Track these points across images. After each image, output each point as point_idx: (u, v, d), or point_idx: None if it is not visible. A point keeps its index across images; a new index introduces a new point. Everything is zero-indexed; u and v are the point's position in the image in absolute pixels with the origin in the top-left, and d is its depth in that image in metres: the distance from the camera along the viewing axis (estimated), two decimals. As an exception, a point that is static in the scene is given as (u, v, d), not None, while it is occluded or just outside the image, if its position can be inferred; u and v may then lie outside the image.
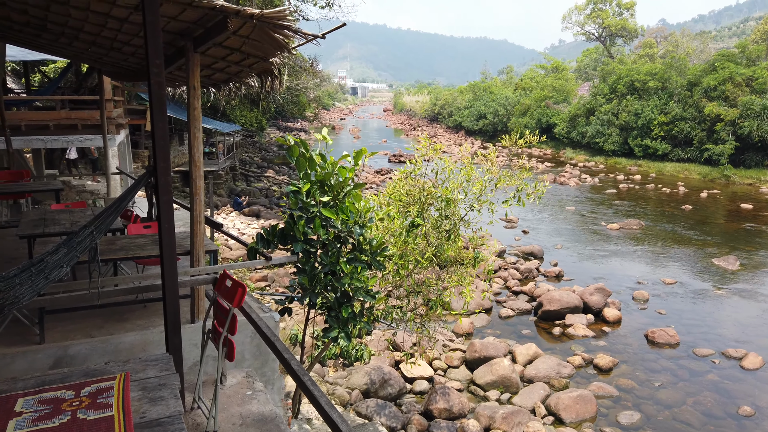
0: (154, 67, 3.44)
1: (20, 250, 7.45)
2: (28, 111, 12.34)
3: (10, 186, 8.61)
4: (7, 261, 6.94)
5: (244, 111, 34.95)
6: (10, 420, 2.58)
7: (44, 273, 3.32)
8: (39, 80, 18.35)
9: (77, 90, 14.76)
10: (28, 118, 11.22)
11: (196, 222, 5.35)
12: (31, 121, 11.14)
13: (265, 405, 3.80)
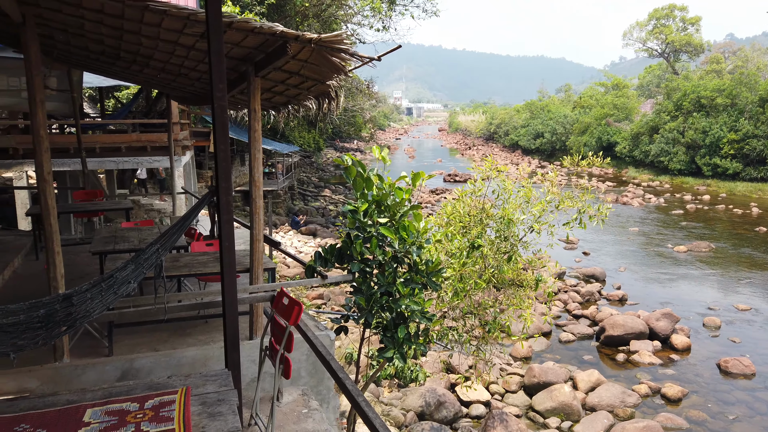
0: (217, 91, 3.57)
1: (92, 266, 7.85)
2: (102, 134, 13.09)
3: (85, 205, 9.12)
4: (81, 276, 7.31)
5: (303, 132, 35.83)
6: (79, 429, 2.68)
7: (113, 288, 3.47)
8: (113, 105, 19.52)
9: (147, 114, 15.56)
10: (102, 140, 11.90)
11: (256, 240, 5.48)
12: (105, 143, 11.82)
13: (320, 424, 3.80)
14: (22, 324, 3.26)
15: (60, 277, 4.85)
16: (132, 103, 14.82)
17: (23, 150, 11.19)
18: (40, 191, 4.82)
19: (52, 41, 5.89)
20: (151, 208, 16.26)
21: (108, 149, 11.81)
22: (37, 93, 4.56)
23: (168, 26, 4.49)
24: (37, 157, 4.71)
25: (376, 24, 23.41)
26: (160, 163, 12.40)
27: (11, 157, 11.24)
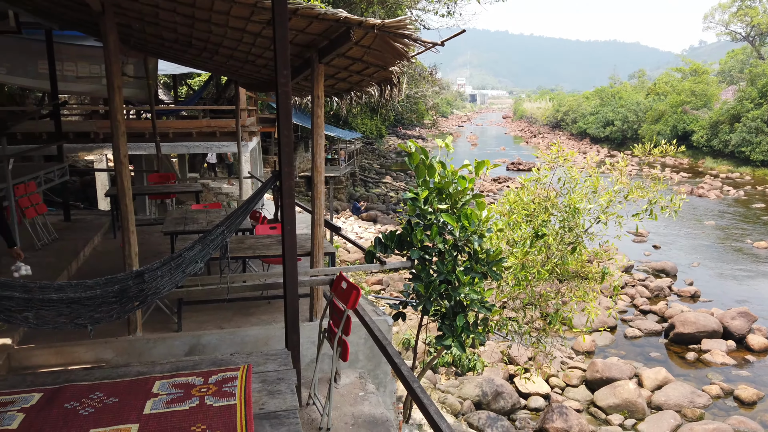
0: (281, 77, 3.63)
1: (164, 245, 8.24)
2: (175, 120, 13.65)
3: (158, 187, 9.56)
4: (154, 255, 7.68)
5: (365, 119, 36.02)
6: (147, 400, 2.83)
7: (181, 267, 3.62)
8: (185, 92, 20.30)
9: (217, 100, 16.08)
10: (175, 126, 12.41)
11: (317, 225, 5.57)
12: (178, 129, 12.32)
13: (376, 407, 3.84)
14: (98, 298, 3.46)
15: (134, 255, 5.12)
16: (203, 89, 15.35)
17: (103, 134, 11.84)
18: (117, 173, 5.08)
19: (129, 30, 6.17)
20: (219, 192, 16.86)
21: (180, 134, 12.31)
22: (115, 79, 4.79)
23: (236, 14, 4.60)
24: (114, 141, 4.97)
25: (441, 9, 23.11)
26: (228, 149, 12.81)
27: (92, 141, 11.92)
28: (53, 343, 5.02)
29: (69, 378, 3.12)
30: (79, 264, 7.44)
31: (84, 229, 8.95)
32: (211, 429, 2.53)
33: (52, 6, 6.21)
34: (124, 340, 5.14)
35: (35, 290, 3.35)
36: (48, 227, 8.07)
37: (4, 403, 2.79)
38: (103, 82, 10.89)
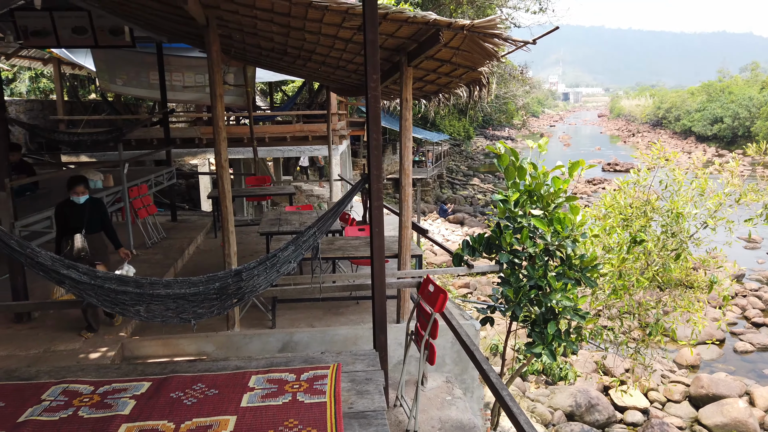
0: (371, 81, 3.68)
1: (260, 245, 8.63)
2: (271, 125, 14.27)
3: (255, 190, 10.02)
4: (251, 254, 8.07)
5: (453, 120, 35.78)
6: (244, 393, 2.97)
7: (276, 267, 3.77)
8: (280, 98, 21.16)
9: (309, 106, 16.63)
10: (270, 131, 12.99)
11: (404, 227, 5.60)
12: (273, 133, 12.88)
13: (464, 413, 3.79)
14: (201, 294, 3.67)
15: (233, 254, 5.40)
16: (296, 95, 15.93)
17: (206, 140, 12.60)
18: (218, 176, 5.38)
19: (230, 40, 6.52)
20: (311, 194, 17.42)
21: (275, 139, 12.85)
22: (218, 88, 5.09)
23: (329, 21, 4.73)
24: (216, 146, 5.26)
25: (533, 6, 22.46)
26: (319, 152, 13.20)
27: (196, 146, 12.73)
28: (160, 335, 5.40)
29: (174, 369, 3.34)
30: (184, 261, 7.96)
31: (188, 229, 9.56)
32: (303, 425, 2.62)
33: (163, 21, 6.70)
34: (223, 335, 5.43)
35: (146, 286, 3.62)
36: (157, 227, 8.71)
37: (119, 390, 3.04)
38: (206, 91, 11.62)
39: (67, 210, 5.26)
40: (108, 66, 11.40)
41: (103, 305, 3.61)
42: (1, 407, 2.86)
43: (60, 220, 5.27)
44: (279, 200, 14.09)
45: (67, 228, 5.22)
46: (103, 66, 11.42)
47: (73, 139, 9.41)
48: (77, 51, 11.90)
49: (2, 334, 5.18)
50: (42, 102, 14.61)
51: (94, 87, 18.08)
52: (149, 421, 2.70)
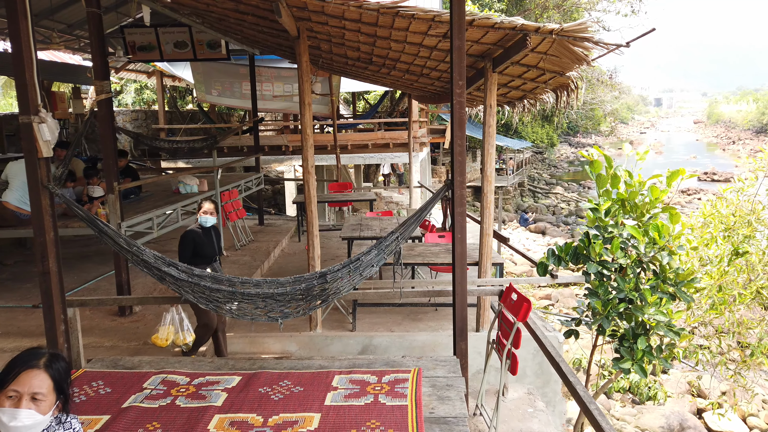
0: (457, 87, 3.69)
1: (341, 249, 8.83)
2: (353, 133, 14.57)
3: (337, 196, 10.27)
4: (332, 258, 8.27)
5: (536, 127, 34.92)
6: (328, 392, 3.05)
7: (359, 270, 3.84)
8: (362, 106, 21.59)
9: (390, 114, 16.84)
10: (353, 139, 13.27)
11: (485, 234, 5.55)
12: (355, 141, 13.16)
13: (546, 426, 3.69)
14: (288, 295, 3.82)
15: (317, 257, 5.57)
16: (378, 104, 16.19)
17: (292, 147, 13.07)
18: (305, 182, 5.58)
19: (318, 51, 6.75)
20: (390, 200, 17.59)
21: (357, 146, 13.12)
22: (306, 96, 5.28)
23: (415, 29, 4.79)
24: (303, 153, 5.46)
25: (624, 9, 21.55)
26: (400, 159, 13.32)
27: (283, 153, 13.23)
28: (248, 333, 5.65)
29: (262, 366, 3.49)
30: (269, 263, 8.29)
31: (274, 233, 9.95)
32: (385, 427, 2.65)
33: (257, 34, 7.04)
34: (306, 335, 5.60)
35: (238, 285, 3.82)
36: (246, 230, 9.12)
37: (212, 383, 3.22)
38: (294, 100, 12.07)
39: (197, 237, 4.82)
40: (204, 78, 12.13)
41: (198, 302, 3.84)
42: (108, 393, 3.11)
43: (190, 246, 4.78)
44: (359, 206, 14.34)
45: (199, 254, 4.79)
46: (200, 78, 12.16)
47: (173, 146, 10.06)
48: (177, 64, 12.74)
49: (107, 326, 5.62)
50: (145, 112, 15.76)
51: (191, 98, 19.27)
52: (240, 414, 2.84)
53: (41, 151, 3.57)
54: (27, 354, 1.78)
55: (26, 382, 1.69)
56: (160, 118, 13.96)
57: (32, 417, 1.68)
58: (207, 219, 4.86)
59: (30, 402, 1.68)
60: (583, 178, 36.40)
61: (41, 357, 1.77)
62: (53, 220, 3.68)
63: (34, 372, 1.71)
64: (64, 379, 1.81)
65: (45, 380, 1.72)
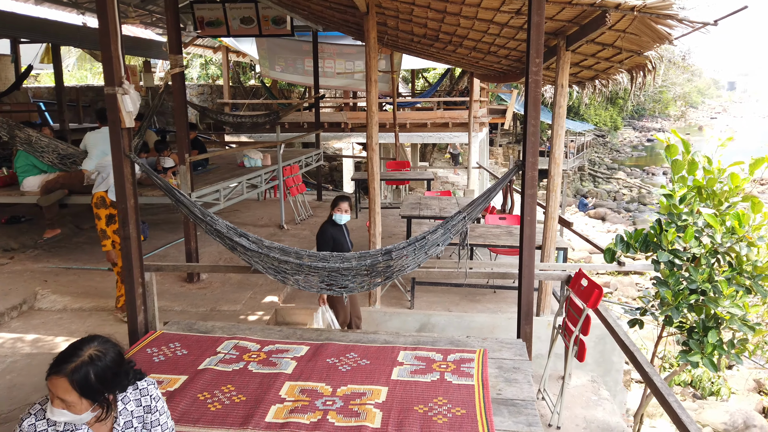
0: (533, 65, 3.59)
1: (398, 227, 8.86)
2: (412, 111, 14.48)
3: (395, 174, 10.27)
4: (389, 235, 8.31)
5: (599, 109, 33.68)
6: (394, 367, 3.09)
7: (425, 249, 3.85)
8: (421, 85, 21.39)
9: (449, 93, 16.62)
10: (412, 117, 13.19)
11: (549, 218, 5.43)
12: (414, 120, 13.07)
13: (611, 415, 3.63)
14: (353, 270, 3.87)
15: (378, 234, 5.61)
16: (439, 82, 15.99)
17: (352, 125, 13.12)
18: (368, 159, 5.59)
19: (384, 27, 6.71)
20: (446, 180, 17.47)
21: (416, 125, 13.03)
22: (373, 73, 5.27)
23: (486, 5, 4.68)
24: (368, 130, 5.47)
25: (702, -16, 20.28)
26: (458, 139, 13.16)
27: (342, 131, 13.31)
28: (308, 305, 5.77)
29: (329, 337, 3.57)
30: (327, 239, 8.40)
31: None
32: (452, 404, 2.67)
33: (324, 10, 7.06)
34: (364, 311, 5.67)
35: (305, 257, 3.89)
36: (306, 205, 9.28)
37: (281, 351, 3.32)
38: (354, 77, 12.08)
39: (336, 233, 4.78)
40: (269, 53, 12.29)
41: (267, 272, 3.94)
42: (184, 354, 3.26)
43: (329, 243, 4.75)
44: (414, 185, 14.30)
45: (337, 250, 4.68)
46: (264, 54, 12.34)
47: (237, 120, 10.30)
48: (242, 40, 12.96)
49: (176, 291, 5.87)
50: (210, 86, 16.16)
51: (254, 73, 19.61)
52: (309, 382, 2.92)
53: (124, 121, 3.72)
54: (69, 351, 1.72)
55: (54, 385, 1.66)
56: (225, 92, 14.29)
57: (65, 416, 1.67)
58: (342, 217, 4.81)
59: (61, 403, 1.66)
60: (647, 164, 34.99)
61: (72, 360, 1.68)
62: (134, 188, 3.84)
63: (59, 380, 1.65)
64: (95, 386, 1.69)
65: (69, 389, 1.65)
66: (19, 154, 6.00)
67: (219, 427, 2.52)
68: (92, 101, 13.61)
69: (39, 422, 1.72)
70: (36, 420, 1.72)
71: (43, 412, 1.73)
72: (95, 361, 1.70)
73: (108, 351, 1.75)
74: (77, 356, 1.69)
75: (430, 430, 2.46)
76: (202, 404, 2.70)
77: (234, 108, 13.91)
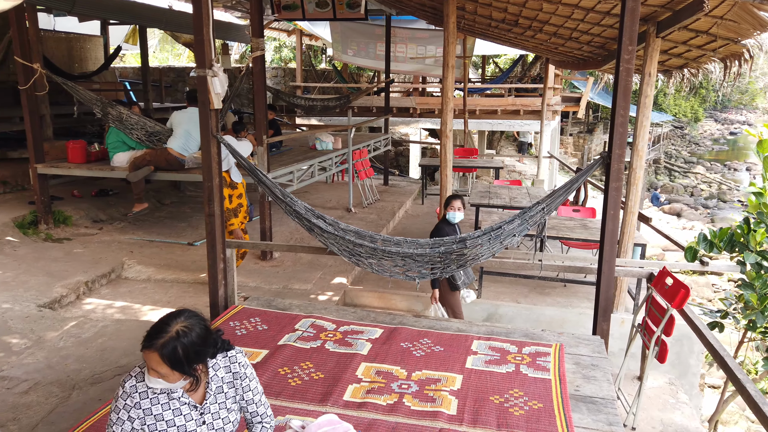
0: (625, 53, 3.46)
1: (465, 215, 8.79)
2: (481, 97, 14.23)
3: (463, 161, 10.17)
4: (456, 223, 8.24)
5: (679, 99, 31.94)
6: (468, 356, 3.09)
7: (500, 238, 3.80)
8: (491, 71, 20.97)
9: (521, 79, 16.20)
10: (481, 104, 12.97)
11: (629, 212, 5.23)
12: (484, 106, 12.85)
13: (690, 420, 3.49)
14: (427, 256, 3.88)
15: (448, 222, 5.58)
16: (511, 69, 15.64)
17: (420, 110, 13.05)
18: (441, 146, 5.57)
19: (462, 12, 6.62)
20: (512, 169, 17.14)
21: (486, 111, 12.81)
22: (450, 59, 5.22)
23: (574, -11, 4.52)
24: (442, 116, 5.44)
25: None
26: (529, 127, 12.85)
27: (410, 116, 13.27)
28: (376, 288, 5.85)
29: (402, 321, 3.61)
30: (394, 223, 8.46)
31: (398, 194, 10.11)
32: (529, 397, 2.65)
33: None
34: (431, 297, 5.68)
35: (380, 242, 3.93)
36: (373, 189, 9.36)
37: (356, 332, 3.38)
38: (426, 62, 11.99)
39: (451, 231, 4.74)
40: (342, 37, 12.38)
41: (341, 254, 4.02)
42: (265, 330, 3.38)
43: None
44: (480, 173, 14.10)
45: None
46: (337, 37, 12.44)
47: (308, 103, 10.46)
48: (316, 23, 13.11)
49: (251, 268, 6.08)
50: (283, 69, 16.49)
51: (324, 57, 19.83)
52: (384, 364, 2.97)
53: (213, 102, 3.86)
54: (158, 326, 1.80)
55: (148, 358, 1.75)
56: (298, 76, 14.54)
57: (161, 383, 1.78)
58: (455, 215, 4.75)
59: (156, 373, 1.76)
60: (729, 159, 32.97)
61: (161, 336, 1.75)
62: (219, 167, 3.99)
63: (151, 353, 1.73)
64: (181, 361, 1.76)
65: (160, 362, 1.73)
66: (110, 130, 6.35)
67: (300, 402, 2.61)
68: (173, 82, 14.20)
69: (139, 384, 1.85)
70: (137, 382, 1.85)
71: (142, 375, 1.85)
72: (182, 337, 1.77)
73: (194, 326, 1.82)
74: (165, 332, 1.76)
75: (507, 421, 2.45)
76: (282, 378, 2.81)
77: (305, 91, 14.13)
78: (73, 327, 4.40)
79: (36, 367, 3.78)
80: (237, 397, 1.98)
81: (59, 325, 4.42)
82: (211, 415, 1.91)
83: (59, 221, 6.70)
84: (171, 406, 1.86)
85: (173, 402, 1.86)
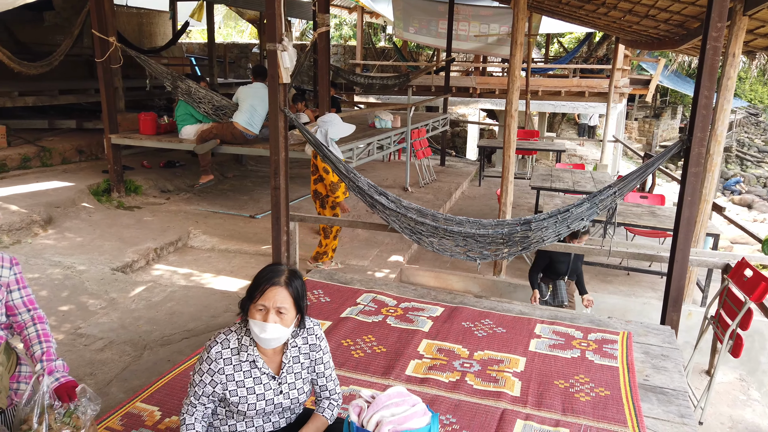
0: (713, 30, 3.26)
1: (522, 198, 8.62)
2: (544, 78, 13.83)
3: (524, 143, 9.94)
4: (515, 206, 8.09)
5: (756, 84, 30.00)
6: (531, 339, 3.05)
7: (567, 222, 3.70)
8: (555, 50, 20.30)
9: (586, 60, 15.62)
10: (544, 84, 12.59)
11: (703, 201, 4.99)
12: (547, 87, 12.47)
13: (762, 418, 3.34)
14: (489, 237, 3.82)
15: (509, 204, 5.49)
16: (578, 49, 15.08)
17: (480, 90, 12.81)
18: (506, 126, 5.44)
19: (531, -12, 6.41)
20: (573, 153, 16.64)
21: (548, 93, 12.44)
22: (519, 36, 5.07)
23: (657, -37, 4.28)
24: (508, 96, 5.30)
25: None
26: (594, 109, 12.40)
27: (469, 96, 13.04)
28: (432, 268, 5.84)
29: (462, 301, 3.59)
30: (451, 204, 8.39)
31: (455, 174, 10.01)
32: (595, 384, 2.59)
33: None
34: (489, 279, 5.63)
35: (441, 221, 3.91)
36: (430, 169, 9.29)
37: (417, 309, 3.39)
38: (488, 41, 11.73)
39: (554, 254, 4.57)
40: (404, 14, 12.25)
41: (403, 232, 4.02)
42: (328, 302, 3.44)
43: (546, 260, 4.66)
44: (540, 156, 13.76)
45: (551, 269, 4.70)
46: (399, 14, 12.31)
47: (368, 81, 10.45)
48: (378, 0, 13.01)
49: (309, 242, 6.17)
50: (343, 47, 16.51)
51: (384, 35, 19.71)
52: (446, 342, 2.96)
53: (282, 76, 3.90)
54: (270, 270, 1.91)
55: (271, 297, 1.83)
56: (358, 53, 14.52)
57: (277, 330, 1.85)
58: None
59: (276, 315, 1.83)
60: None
61: (282, 274, 1.88)
62: (286, 141, 4.05)
63: (278, 289, 1.83)
64: (301, 296, 1.91)
65: (287, 297, 1.85)
66: (179, 103, 6.54)
67: (363, 373, 2.64)
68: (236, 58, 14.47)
69: (224, 350, 1.91)
70: (222, 348, 1.91)
71: (227, 342, 1.91)
72: (297, 274, 1.94)
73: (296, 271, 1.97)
74: (282, 272, 1.89)
75: (572, 406, 2.40)
76: (346, 350, 2.85)
77: (365, 69, 14.10)
78: (144, 291, 4.61)
79: (110, 327, 3.99)
80: (310, 369, 2.02)
81: (131, 288, 4.64)
82: (288, 385, 1.97)
83: (130, 190, 6.99)
84: (252, 374, 1.92)
85: (254, 371, 1.92)
